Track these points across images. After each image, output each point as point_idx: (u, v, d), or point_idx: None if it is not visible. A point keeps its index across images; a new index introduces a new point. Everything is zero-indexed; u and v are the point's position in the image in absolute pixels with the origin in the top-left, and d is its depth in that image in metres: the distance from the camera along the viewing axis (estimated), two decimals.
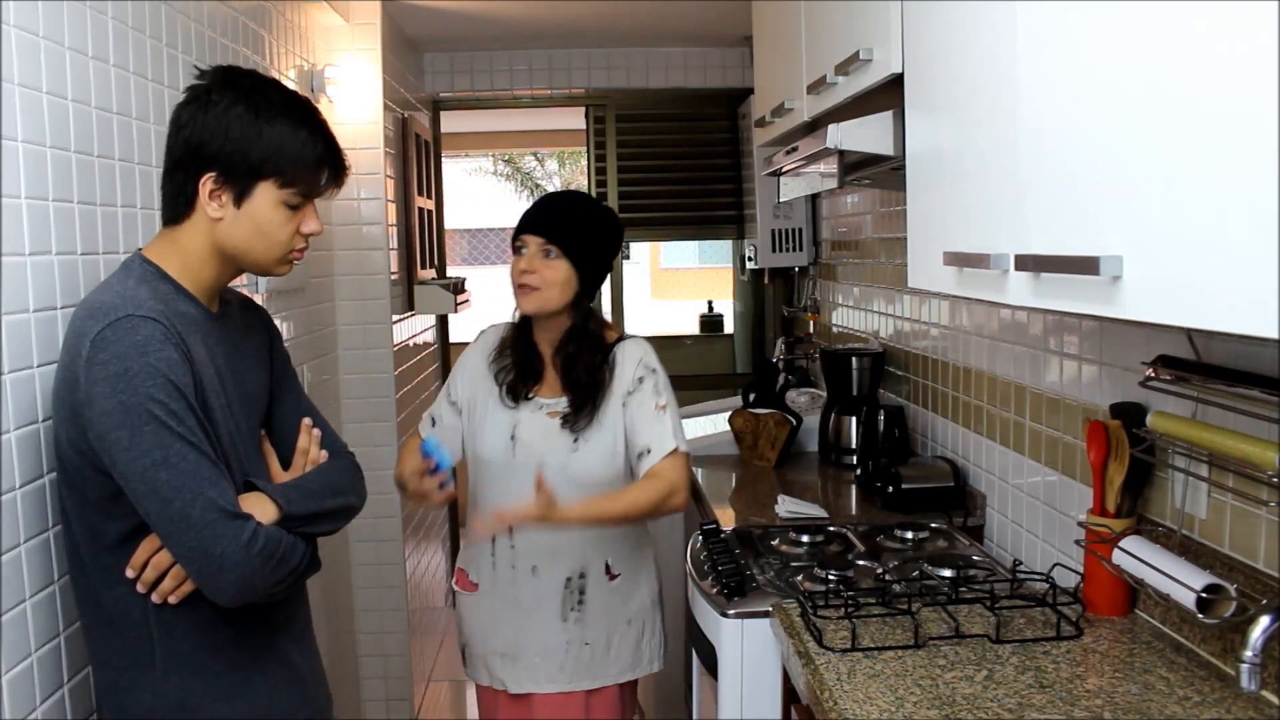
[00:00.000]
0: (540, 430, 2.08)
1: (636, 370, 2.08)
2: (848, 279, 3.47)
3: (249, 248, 1.42)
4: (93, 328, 1.29)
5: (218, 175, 1.37)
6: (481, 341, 2.21)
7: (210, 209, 1.38)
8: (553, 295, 2.05)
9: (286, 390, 1.62)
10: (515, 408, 2.10)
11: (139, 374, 1.27)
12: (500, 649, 2.15)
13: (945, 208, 1.54)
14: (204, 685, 1.41)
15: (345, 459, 1.62)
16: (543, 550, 2.09)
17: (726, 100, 4.42)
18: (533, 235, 2.06)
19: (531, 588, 2.11)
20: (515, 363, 2.13)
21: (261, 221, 1.40)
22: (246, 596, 1.35)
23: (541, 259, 2.04)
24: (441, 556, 4.51)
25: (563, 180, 16.33)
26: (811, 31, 2.22)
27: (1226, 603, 1.42)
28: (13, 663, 1.33)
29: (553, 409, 2.09)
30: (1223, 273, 0.91)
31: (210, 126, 1.36)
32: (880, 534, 2.28)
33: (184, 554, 1.30)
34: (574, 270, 2.05)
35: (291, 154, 1.39)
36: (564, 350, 2.09)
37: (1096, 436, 1.72)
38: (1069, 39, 1.17)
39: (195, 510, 1.28)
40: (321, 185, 1.44)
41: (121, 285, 1.35)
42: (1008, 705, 1.43)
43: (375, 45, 3.36)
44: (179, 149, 1.39)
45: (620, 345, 2.12)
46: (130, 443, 1.27)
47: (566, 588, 2.10)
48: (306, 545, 1.43)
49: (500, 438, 2.10)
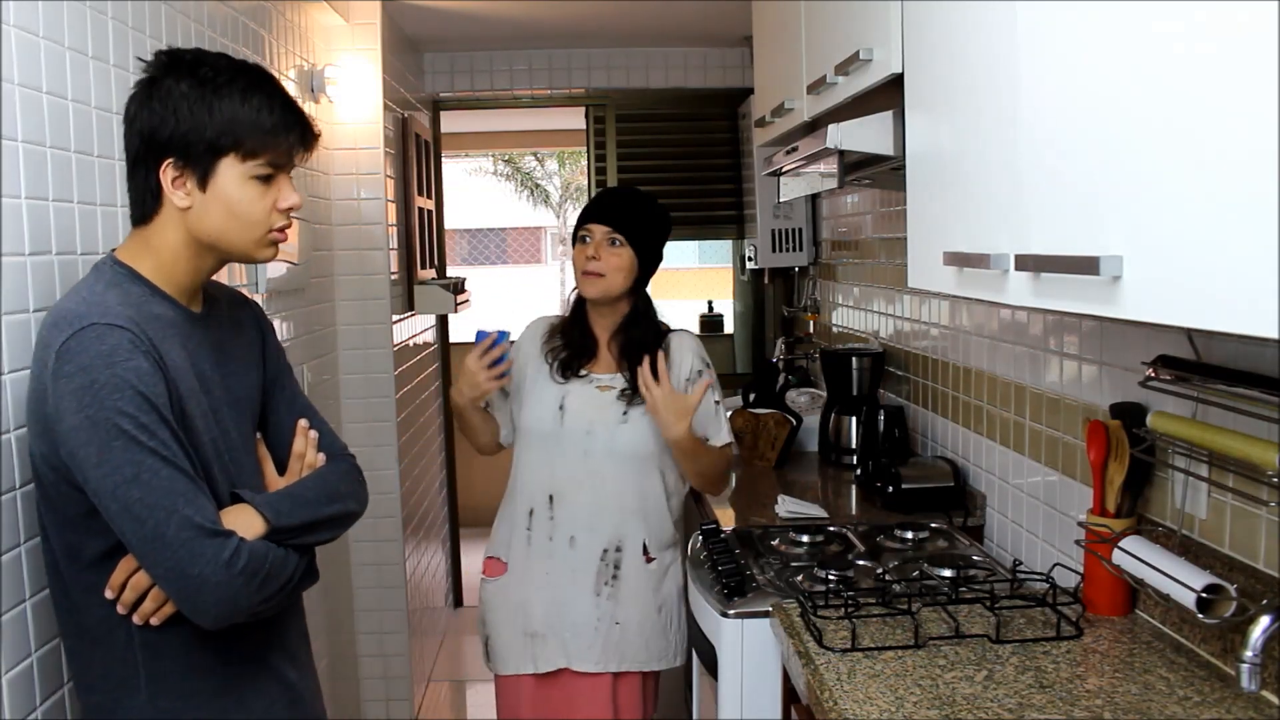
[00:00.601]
0: (590, 401, 2.20)
1: (695, 362, 2.23)
2: (848, 279, 3.47)
3: (224, 231, 1.33)
4: (57, 338, 1.22)
5: (176, 160, 1.29)
6: (530, 331, 2.34)
7: (176, 198, 1.30)
8: (617, 281, 2.18)
9: (281, 389, 1.54)
10: (565, 382, 2.22)
11: (105, 386, 1.19)
12: (530, 628, 2.19)
13: (945, 207, 1.54)
14: (193, 708, 1.34)
15: (345, 462, 1.54)
16: (581, 521, 2.17)
17: (726, 100, 4.42)
18: (598, 225, 2.20)
19: (567, 560, 2.17)
20: (569, 343, 2.25)
21: (232, 200, 1.31)
22: (231, 617, 1.27)
23: (607, 247, 2.18)
24: (441, 556, 4.51)
25: (563, 180, 16.33)
26: (811, 31, 2.22)
27: (1226, 603, 1.42)
28: (13, 663, 1.33)
29: (604, 384, 2.21)
30: (1223, 273, 0.91)
31: (158, 112, 1.29)
32: (880, 534, 2.28)
33: (161, 575, 1.24)
34: (635, 258, 2.19)
35: (247, 123, 1.30)
36: (626, 332, 2.23)
37: (1096, 436, 1.72)
38: (1069, 39, 1.17)
39: (170, 529, 1.20)
40: (288, 152, 1.35)
41: (89, 291, 1.28)
42: (1008, 705, 1.43)
43: (375, 45, 3.36)
44: (134, 143, 1.31)
45: (675, 334, 2.27)
46: (100, 459, 1.20)
47: (602, 560, 2.17)
48: (301, 557, 1.36)
49: (548, 409, 2.20)
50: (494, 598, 2.25)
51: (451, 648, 4.34)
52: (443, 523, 4.57)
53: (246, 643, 1.39)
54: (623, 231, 2.18)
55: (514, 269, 22.40)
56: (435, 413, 4.40)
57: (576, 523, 2.17)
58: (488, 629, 2.26)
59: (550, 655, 2.18)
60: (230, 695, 1.38)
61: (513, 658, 2.21)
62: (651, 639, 2.20)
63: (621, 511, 2.17)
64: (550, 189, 16.75)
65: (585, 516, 2.17)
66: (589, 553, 2.17)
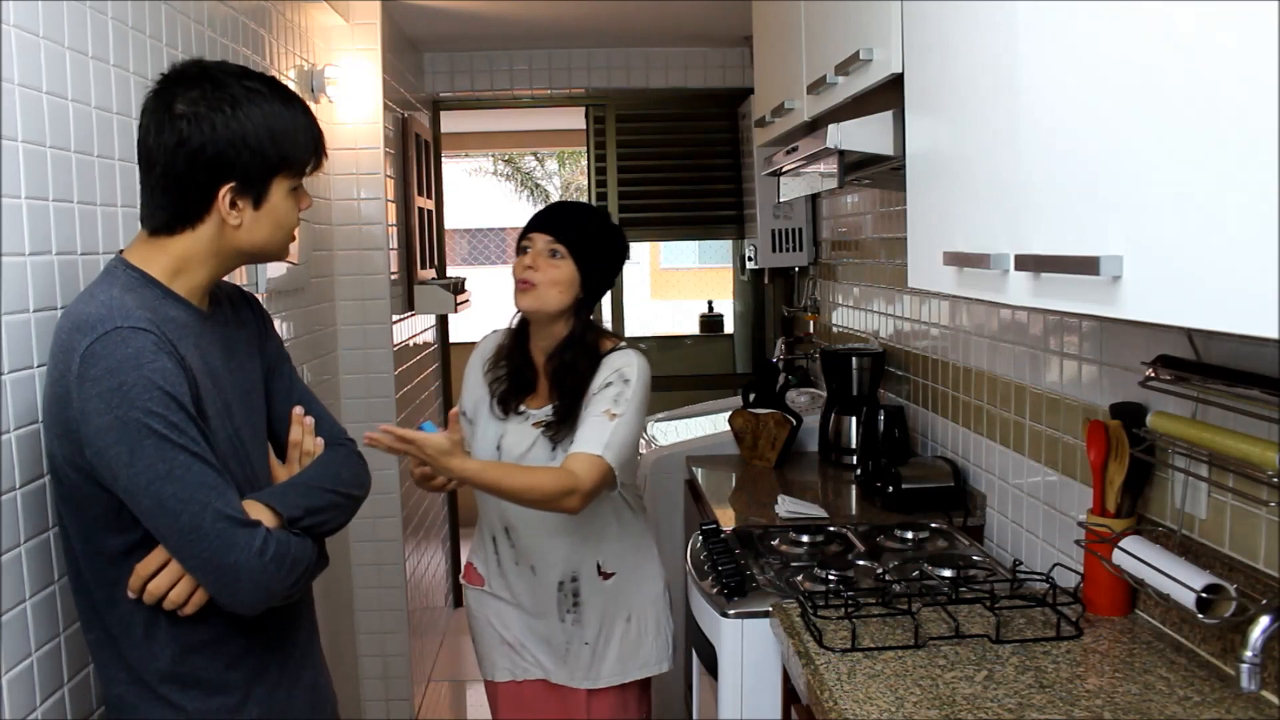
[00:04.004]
0: (524, 439, 2.08)
1: (609, 376, 2.01)
2: (848, 279, 3.47)
3: (268, 243, 1.40)
4: (81, 342, 1.24)
5: (237, 185, 1.33)
6: (481, 349, 2.21)
7: (230, 218, 1.34)
8: (552, 295, 2.03)
9: (279, 378, 1.57)
10: (504, 419, 2.11)
11: (134, 387, 1.23)
12: (507, 638, 2.18)
13: (945, 208, 1.54)
14: (217, 699, 1.38)
15: (344, 447, 1.56)
16: (536, 554, 2.11)
17: (726, 100, 4.42)
18: (540, 234, 2.06)
19: (531, 584, 2.13)
20: (509, 374, 2.12)
21: (279, 215, 1.38)
22: (266, 602, 1.33)
23: (546, 257, 2.04)
24: (441, 556, 4.51)
25: (563, 180, 16.32)
26: (811, 31, 2.22)
27: (1226, 603, 1.42)
28: (13, 663, 1.33)
29: (538, 419, 2.09)
30: (1223, 273, 0.91)
31: (221, 137, 1.30)
32: (880, 534, 2.28)
33: (197, 566, 1.28)
34: (578, 273, 2.04)
35: (299, 144, 1.37)
36: (558, 358, 2.06)
37: (1096, 436, 1.72)
38: (1069, 39, 1.17)
39: (205, 521, 1.25)
40: (317, 164, 1.42)
41: (106, 294, 1.29)
42: (1008, 705, 1.43)
43: (375, 45, 3.36)
44: (182, 163, 1.30)
45: (609, 355, 2.06)
46: (131, 458, 1.24)
47: (560, 590, 2.12)
48: (314, 543, 1.41)
49: (488, 447, 2.11)
50: (474, 605, 2.24)
51: (451, 648, 4.34)
52: (443, 523, 4.57)
53: (263, 636, 1.43)
54: (565, 243, 2.02)
55: None
56: (435, 413, 4.40)
57: (533, 555, 2.11)
58: (473, 633, 2.26)
59: (528, 666, 2.17)
60: (248, 686, 1.41)
61: (496, 665, 2.20)
62: (626, 652, 2.14)
63: (570, 544, 2.09)
64: (550, 189, 16.73)
65: (539, 550, 2.10)
66: (548, 581, 2.12)
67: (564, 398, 2.05)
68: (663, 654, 2.20)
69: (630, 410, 1.98)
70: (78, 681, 1.49)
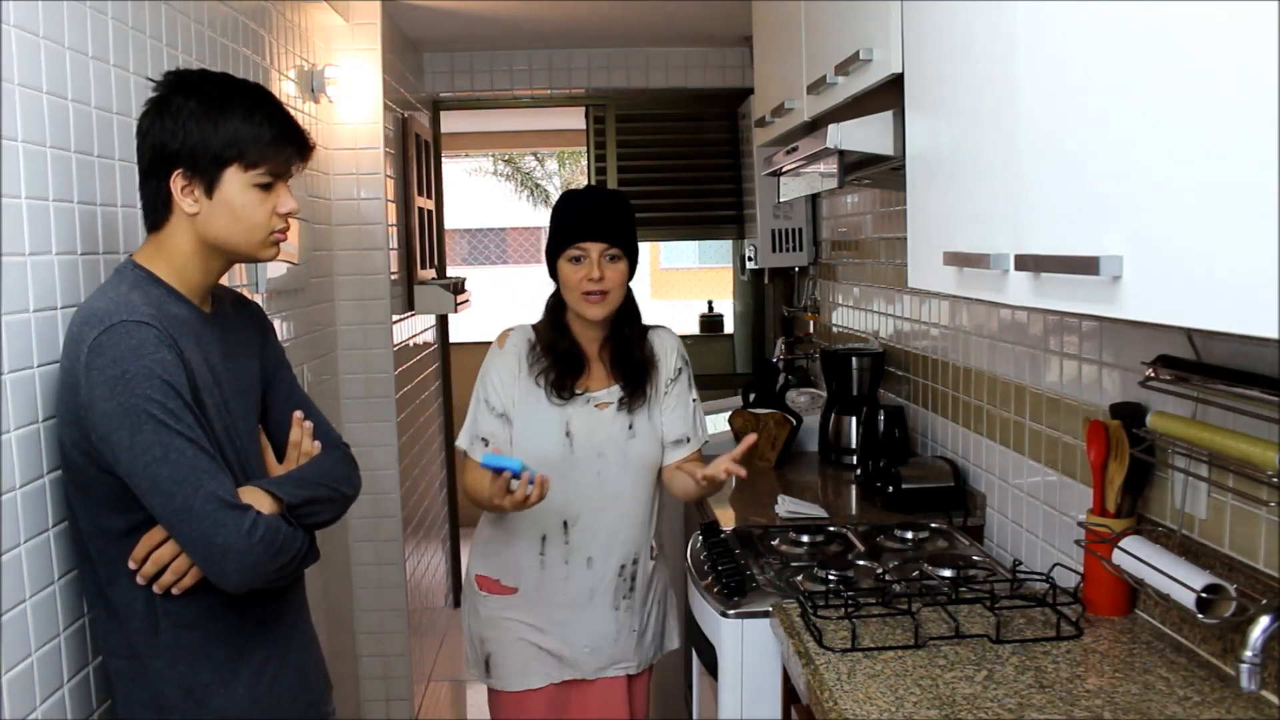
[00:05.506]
0: (595, 422, 2.11)
1: (676, 360, 2.20)
2: (848, 279, 3.47)
3: (229, 233, 1.46)
4: (89, 334, 1.34)
5: (185, 171, 1.42)
6: (509, 347, 2.15)
7: (186, 205, 1.43)
8: (618, 295, 2.11)
9: (280, 383, 1.66)
10: (564, 404, 2.10)
11: (136, 376, 1.32)
12: (544, 645, 2.13)
13: (945, 208, 1.54)
14: (209, 672, 1.46)
15: (339, 450, 1.66)
16: (599, 542, 2.12)
17: (726, 100, 4.42)
18: (594, 242, 2.06)
19: (585, 580, 2.12)
20: (557, 360, 2.11)
21: (235, 206, 1.45)
22: (251, 582, 1.40)
23: (607, 264, 2.07)
24: (441, 556, 4.51)
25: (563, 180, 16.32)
26: (811, 31, 2.22)
27: (1226, 603, 1.42)
28: (13, 663, 1.33)
29: (600, 400, 2.13)
30: (1223, 273, 0.91)
31: (169, 128, 1.42)
32: (880, 534, 2.28)
33: (189, 544, 1.36)
34: (629, 265, 2.13)
35: (249, 137, 1.43)
36: (617, 337, 2.15)
37: (1096, 436, 1.72)
38: (1069, 39, 1.17)
39: (197, 502, 1.33)
40: (286, 163, 1.48)
41: (115, 291, 1.40)
42: (1008, 705, 1.43)
43: (375, 45, 3.36)
44: (146, 156, 1.44)
45: (654, 332, 2.21)
46: (131, 441, 1.32)
47: (620, 575, 2.14)
48: (305, 534, 1.49)
49: (554, 435, 2.09)
50: (497, 615, 2.15)
51: (451, 648, 4.34)
52: (443, 523, 4.57)
53: (256, 614, 1.52)
54: (620, 244, 2.09)
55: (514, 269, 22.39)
56: (435, 413, 4.40)
57: (594, 545, 2.11)
58: (489, 646, 2.16)
59: (565, 670, 2.14)
60: (241, 660, 1.50)
61: (524, 673, 2.13)
62: (657, 632, 2.23)
63: (634, 526, 2.13)
64: (550, 189, 16.73)
65: (604, 538, 2.11)
66: (607, 570, 2.12)
67: (629, 375, 2.13)
68: (675, 630, 2.28)
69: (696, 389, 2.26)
70: (77, 681, 1.49)
